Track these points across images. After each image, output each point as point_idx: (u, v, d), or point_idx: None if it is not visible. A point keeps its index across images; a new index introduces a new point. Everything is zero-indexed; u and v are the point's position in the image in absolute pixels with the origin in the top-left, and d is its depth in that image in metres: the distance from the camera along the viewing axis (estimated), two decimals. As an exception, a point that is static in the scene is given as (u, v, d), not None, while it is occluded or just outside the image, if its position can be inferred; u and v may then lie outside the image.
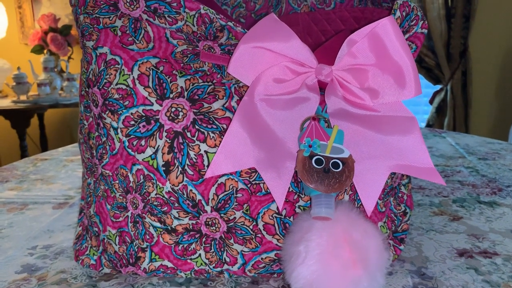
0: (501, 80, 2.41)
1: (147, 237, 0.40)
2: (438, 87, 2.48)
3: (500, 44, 2.36)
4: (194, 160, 0.38)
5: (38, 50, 2.51)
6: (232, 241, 0.40)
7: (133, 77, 0.39)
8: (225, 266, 0.41)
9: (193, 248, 0.40)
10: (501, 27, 2.33)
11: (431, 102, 2.51)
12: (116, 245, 0.42)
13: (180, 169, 0.38)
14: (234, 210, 0.38)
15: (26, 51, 2.65)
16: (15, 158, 2.65)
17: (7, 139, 2.81)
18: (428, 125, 2.49)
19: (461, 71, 2.37)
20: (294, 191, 0.38)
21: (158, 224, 0.40)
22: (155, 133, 0.38)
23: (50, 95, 2.34)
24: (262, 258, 0.40)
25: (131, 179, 0.39)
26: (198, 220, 0.39)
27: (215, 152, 0.37)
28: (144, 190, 0.39)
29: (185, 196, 0.38)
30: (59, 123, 2.91)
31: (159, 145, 0.38)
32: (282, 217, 0.39)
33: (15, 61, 2.61)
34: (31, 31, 2.69)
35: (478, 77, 2.40)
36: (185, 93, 0.39)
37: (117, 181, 0.40)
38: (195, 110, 0.38)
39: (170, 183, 0.38)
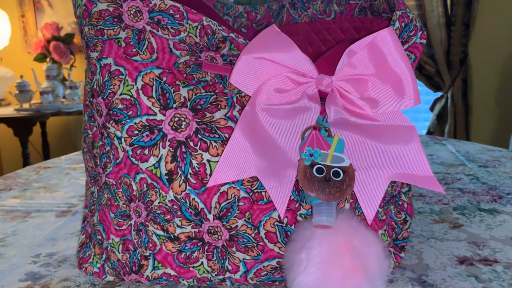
0: (501, 87, 2.42)
1: (150, 245, 0.41)
2: (439, 94, 2.49)
3: (500, 51, 2.37)
4: (197, 169, 0.38)
5: (40, 58, 2.53)
6: (234, 249, 0.40)
7: (137, 87, 0.39)
8: (227, 274, 0.41)
9: (196, 256, 0.41)
10: (500, 34, 2.34)
11: (431, 109, 2.52)
12: (119, 253, 0.42)
13: (183, 177, 0.38)
14: (236, 219, 0.39)
15: (29, 60, 2.67)
16: (18, 166, 2.66)
17: (9, 147, 2.83)
18: (429, 132, 2.50)
19: (462, 78, 2.38)
20: (295, 199, 0.39)
21: (161, 232, 0.40)
22: (158, 142, 0.39)
23: (53, 103, 2.35)
24: (264, 266, 0.41)
25: (135, 188, 0.40)
26: (200, 228, 0.40)
27: (217, 161, 0.38)
28: (147, 199, 0.39)
29: (187, 204, 0.39)
30: (61, 131, 2.92)
31: (162, 154, 0.39)
32: (284, 225, 0.39)
33: (18, 70, 2.63)
34: (34, 39, 2.72)
35: (479, 84, 2.41)
36: (188, 103, 0.39)
37: (120, 190, 0.41)
38: (197, 120, 0.39)
39: (173, 191, 0.39)
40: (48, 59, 2.52)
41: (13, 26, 2.72)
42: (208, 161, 0.38)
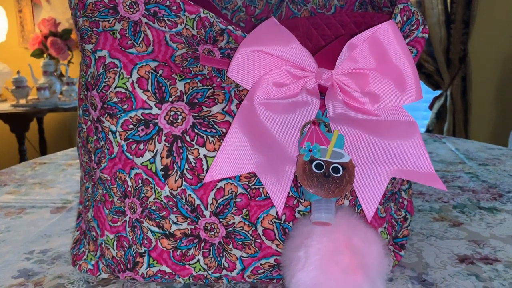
0: (500, 85, 2.41)
1: (145, 242, 0.40)
2: (438, 92, 2.48)
3: (499, 50, 2.37)
4: (193, 164, 0.37)
5: (38, 54, 2.51)
6: (231, 246, 0.39)
7: (132, 80, 0.38)
8: (224, 272, 0.40)
9: (192, 253, 0.40)
10: (500, 33, 2.34)
11: (430, 107, 2.51)
12: (114, 250, 0.41)
13: (179, 173, 0.38)
14: (233, 215, 0.38)
15: (26, 55, 2.65)
16: (14, 162, 2.65)
17: (6, 143, 2.81)
18: (428, 131, 2.49)
19: (461, 76, 2.37)
20: (293, 196, 0.38)
21: (156, 229, 0.39)
22: (154, 137, 0.38)
23: (50, 99, 2.34)
24: (261, 264, 0.40)
25: (130, 183, 0.39)
26: (196, 225, 0.39)
27: (214, 156, 0.37)
28: (143, 195, 0.39)
29: (183, 200, 0.38)
30: (58, 127, 2.91)
31: (157, 149, 0.38)
32: (282, 222, 0.38)
33: (15, 65, 2.61)
34: (31, 35, 2.70)
35: (478, 82, 2.41)
36: (185, 97, 0.38)
37: (115, 185, 0.40)
38: (194, 114, 0.38)
39: (168, 187, 0.38)
40: (45, 55, 2.51)
41: (10, 22, 2.70)
42: (205, 156, 0.37)
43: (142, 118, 0.38)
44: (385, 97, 0.37)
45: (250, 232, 0.39)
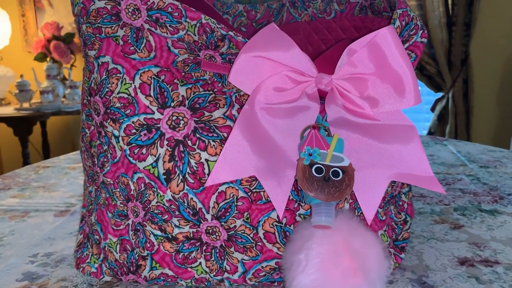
0: (502, 87, 2.41)
1: (148, 245, 0.40)
2: (440, 94, 2.49)
3: (501, 52, 2.37)
4: (195, 169, 0.38)
5: (41, 58, 2.53)
6: (232, 249, 0.40)
7: (135, 86, 0.39)
8: (226, 275, 0.41)
9: (194, 256, 0.40)
10: (502, 34, 2.34)
11: (432, 109, 2.51)
12: (117, 253, 0.42)
13: (181, 177, 0.38)
14: (234, 219, 0.38)
15: (29, 59, 2.67)
16: (18, 165, 2.66)
17: (9, 147, 2.83)
18: (430, 133, 2.49)
19: (462, 78, 2.37)
20: (294, 199, 0.38)
21: (158, 232, 0.40)
22: (156, 141, 0.38)
23: (53, 102, 2.35)
24: (262, 267, 0.40)
25: (132, 187, 0.39)
26: (198, 229, 0.39)
27: (215, 161, 0.38)
28: (145, 198, 0.39)
29: (185, 204, 0.38)
30: (61, 130, 2.92)
31: (160, 154, 0.38)
32: (283, 225, 0.39)
33: (18, 69, 2.63)
34: (34, 39, 2.71)
35: (480, 84, 2.41)
36: (186, 102, 0.39)
37: (118, 189, 0.40)
38: (196, 119, 0.39)
39: (170, 191, 0.38)
40: (48, 59, 2.52)
41: (13, 26, 2.71)
42: (207, 160, 0.38)
43: (145, 123, 0.39)
44: (384, 102, 0.38)
45: (252, 235, 0.39)
